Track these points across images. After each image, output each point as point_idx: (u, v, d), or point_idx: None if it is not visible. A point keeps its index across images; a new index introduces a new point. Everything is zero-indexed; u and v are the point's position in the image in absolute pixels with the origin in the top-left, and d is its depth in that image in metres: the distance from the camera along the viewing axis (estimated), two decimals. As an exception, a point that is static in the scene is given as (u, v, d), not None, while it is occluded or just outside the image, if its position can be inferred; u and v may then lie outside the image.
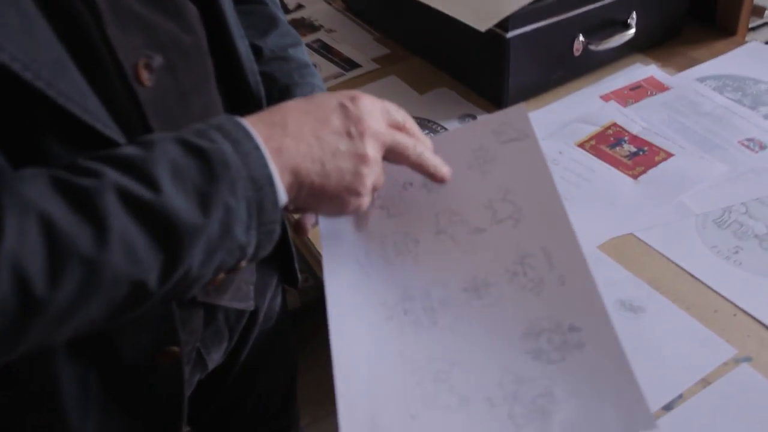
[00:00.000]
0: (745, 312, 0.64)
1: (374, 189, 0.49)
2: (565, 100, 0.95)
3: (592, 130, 0.88)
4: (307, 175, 0.44)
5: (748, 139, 0.84)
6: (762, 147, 0.83)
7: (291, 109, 0.46)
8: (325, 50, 1.15)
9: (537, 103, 0.94)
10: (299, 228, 0.59)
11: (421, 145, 0.51)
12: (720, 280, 0.67)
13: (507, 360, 0.46)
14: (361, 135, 0.46)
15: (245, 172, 0.40)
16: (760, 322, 0.63)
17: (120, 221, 0.36)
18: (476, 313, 0.49)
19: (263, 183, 0.41)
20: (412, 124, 0.52)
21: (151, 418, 0.56)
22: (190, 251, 0.38)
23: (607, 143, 0.86)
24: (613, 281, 0.69)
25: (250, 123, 0.43)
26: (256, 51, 0.63)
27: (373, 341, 0.49)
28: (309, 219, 0.60)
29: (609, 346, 0.44)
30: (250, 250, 0.42)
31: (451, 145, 0.56)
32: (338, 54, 1.14)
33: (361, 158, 0.46)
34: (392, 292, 0.52)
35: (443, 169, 0.53)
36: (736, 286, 0.67)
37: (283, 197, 0.43)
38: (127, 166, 0.38)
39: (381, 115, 0.48)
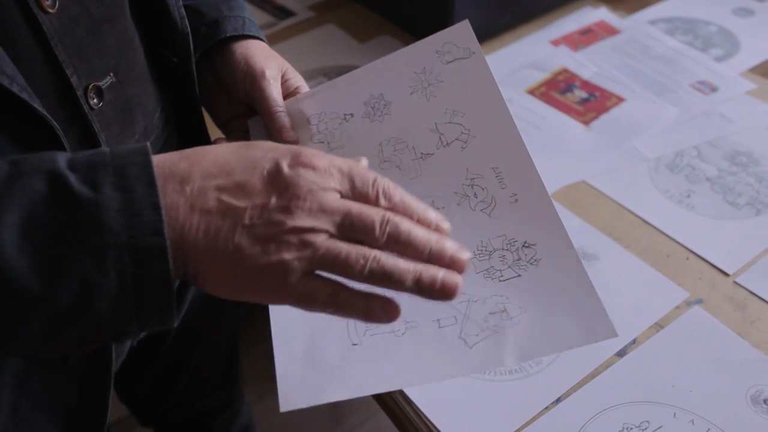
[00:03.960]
0: (696, 255, 0.69)
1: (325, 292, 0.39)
2: (514, 46, 0.97)
3: (542, 76, 0.91)
4: (195, 252, 0.36)
5: (700, 82, 0.89)
6: (713, 89, 0.87)
7: (209, 153, 0.38)
8: (255, -3, 1.14)
9: (485, 50, 0.93)
10: None
11: (408, 221, 0.39)
12: (672, 224, 0.72)
13: None
14: (287, 210, 0.37)
15: (126, 239, 0.34)
16: (711, 264, 0.68)
17: None
18: None
19: (150, 256, 0.35)
20: (401, 198, 0.40)
21: (74, 384, 0.54)
22: (24, 322, 0.35)
23: (558, 89, 0.88)
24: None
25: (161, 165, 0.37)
26: None
27: None
28: None
29: (565, 258, 0.46)
30: (131, 330, 0.37)
31: (392, 70, 0.56)
32: (270, 1, 1.12)
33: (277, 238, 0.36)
34: None
35: (459, 253, 0.40)
36: (688, 229, 0.71)
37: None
38: None
39: (337, 183, 0.39)
